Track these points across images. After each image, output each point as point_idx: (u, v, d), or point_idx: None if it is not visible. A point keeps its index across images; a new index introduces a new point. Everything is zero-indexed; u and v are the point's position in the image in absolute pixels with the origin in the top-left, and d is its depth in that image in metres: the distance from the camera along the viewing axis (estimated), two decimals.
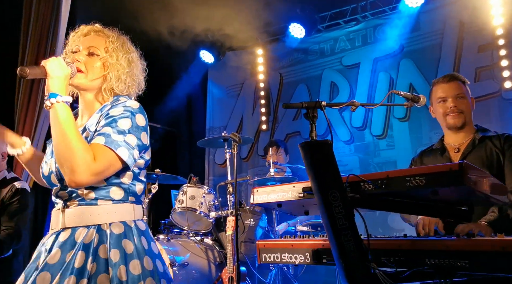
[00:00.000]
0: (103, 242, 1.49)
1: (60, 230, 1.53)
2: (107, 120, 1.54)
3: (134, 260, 1.50)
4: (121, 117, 1.54)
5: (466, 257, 1.33)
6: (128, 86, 1.68)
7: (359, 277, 1.40)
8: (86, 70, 1.62)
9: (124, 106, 1.58)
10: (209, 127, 6.78)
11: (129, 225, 1.56)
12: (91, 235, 1.49)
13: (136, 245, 1.54)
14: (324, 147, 1.44)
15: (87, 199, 1.54)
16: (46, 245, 1.53)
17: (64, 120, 1.45)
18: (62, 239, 1.50)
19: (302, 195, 1.67)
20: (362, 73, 5.68)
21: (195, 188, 3.59)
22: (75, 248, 1.47)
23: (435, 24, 5.24)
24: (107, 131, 1.50)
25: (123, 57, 1.67)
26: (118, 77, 1.65)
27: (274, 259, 1.88)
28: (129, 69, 1.68)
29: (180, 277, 3.19)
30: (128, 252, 1.50)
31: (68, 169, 1.42)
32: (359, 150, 5.57)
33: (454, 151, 2.35)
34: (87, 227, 1.51)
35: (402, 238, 1.56)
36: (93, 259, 1.46)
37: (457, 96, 2.33)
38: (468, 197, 1.44)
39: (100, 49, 1.65)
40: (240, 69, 6.70)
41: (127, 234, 1.54)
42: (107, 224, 1.52)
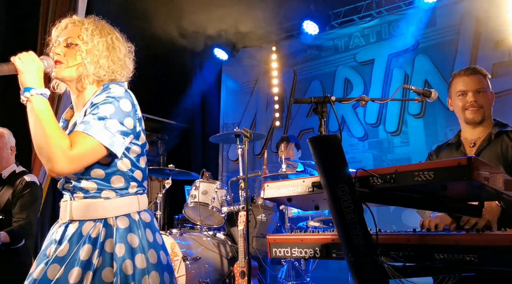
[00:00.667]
0: (110, 236, 1.52)
1: (68, 221, 1.57)
2: (91, 108, 1.55)
3: (139, 254, 1.52)
4: (103, 103, 1.53)
5: (475, 251, 1.33)
6: (111, 70, 1.65)
7: (367, 271, 1.41)
8: (66, 61, 1.61)
9: (107, 93, 1.57)
10: (223, 123, 6.82)
11: (133, 218, 1.58)
12: (98, 229, 1.52)
13: (141, 239, 1.56)
14: (333, 142, 1.44)
15: (91, 191, 1.56)
16: (56, 235, 1.57)
17: (39, 111, 1.46)
18: (70, 232, 1.54)
19: (312, 190, 1.67)
20: (377, 69, 5.64)
21: (208, 183, 3.63)
22: (82, 241, 1.50)
23: (451, 19, 5.17)
24: (87, 119, 1.51)
25: (99, 41, 1.63)
26: (96, 63, 1.62)
27: (284, 253, 1.89)
28: (108, 52, 1.64)
29: (193, 270, 3.23)
30: (133, 246, 1.53)
31: (45, 158, 1.44)
32: (373, 147, 5.54)
33: (470, 145, 2.29)
34: (94, 221, 1.54)
35: (411, 232, 1.57)
36: (99, 253, 1.49)
37: (477, 90, 2.26)
38: (478, 192, 1.43)
39: (76, 39, 1.63)
40: (254, 66, 6.71)
41: (132, 228, 1.56)
42: (113, 218, 1.55)
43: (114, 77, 1.67)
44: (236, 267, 3.24)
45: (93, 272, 1.46)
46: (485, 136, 2.26)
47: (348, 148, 5.67)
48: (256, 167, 6.19)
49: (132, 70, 1.75)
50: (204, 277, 3.28)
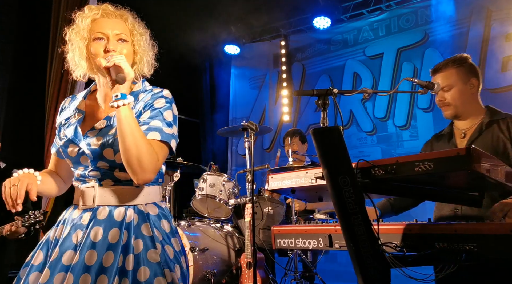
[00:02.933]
0: (145, 221, 1.55)
1: (95, 207, 1.56)
2: (152, 112, 1.57)
3: (173, 239, 1.59)
4: (165, 109, 1.59)
5: (474, 240, 1.35)
6: (151, 67, 1.70)
7: (368, 261, 1.43)
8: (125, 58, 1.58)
9: (163, 97, 1.62)
10: (232, 118, 6.86)
11: (160, 206, 1.63)
12: (131, 215, 1.54)
13: (171, 225, 1.62)
14: (335, 133, 1.46)
15: (122, 180, 1.58)
16: (82, 221, 1.55)
17: (133, 121, 1.46)
18: (102, 217, 1.53)
19: (315, 181, 1.70)
20: (386, 63, 5.63)
21: (215, 175, 3.67)
22: (118, 227, 1.51)
23: (461, 12, 5.13)
24: (158, 126, 1.54)
25: (144, 41, 1.66)
26: (148, 62, 1.66)
27: (288, 244, 1.92)
28: (152, 51, 1.69)
29: (200, 261, 3.28)
30: (167, 231, 1.58)
31: (138, 167, 1.46)
32: (382, 141, 5.53)
33: (460, 136, 2.29)
34: (125, 207, 1.56)
35: (412, 223, 1.59)
36: (136, 237, 1.51)
37: (444, 88, 2.27)
38: (477, 182, 1.44)
39: (127, 35, 1.62)
40: (263, 61, 6.73)
41: (162, 215, 1.61)
42: (143, 204, 1.58)
43: (145, 73, 1.70)
44: (243, 258, 3.28)
45: (133, 255, 1.48)
46: (475, 127, 2.24)
47: (357, 142, 5.68)
48: (265, 161, 6.22)
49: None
50: (211, 267, 3.33)
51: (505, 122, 2.18)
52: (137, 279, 1.44)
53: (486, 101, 2.38)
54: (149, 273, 1.46)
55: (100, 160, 1.55)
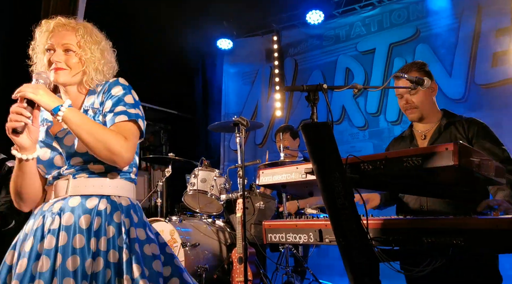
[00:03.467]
0: (117, 210, 1.59)
1: (67, 196, 1.60)
2: (113, 100, 1.65)
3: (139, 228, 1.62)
4: (124, 94, 1.67)
5: (462, 235, 1.36)
6: (105, 74, 1.74)
7: (357, 255, 1.44)
8: (69, 68, 1.67)
9: (119, 84, 1.70)
10: (225, 113, 6.85)
11: (132, 202, 1.68)
12: (103, 204, 1.58)
13: (142, 217, 1.67)
14: (324, 129, 1.47)
15: (97, 172, 1.62)
16: (53, 209, 1.59)
17: (79, 122, 1.52)
18: (73, 204, 1.58)
19: (305, 176, 1.71)
20: (378, 59, 5.64)
21: (207, 171, 3.68)
22: (89, 213, 1.56)
23: (453, 8, 5.15)
24: (122, 109, 1.62)
25: (96, 49, 1.70)
26: (96, 70, 1.70)
27: (279, 238, 1.93)
28: (104, 59, 1.72)
29: (192, 256, 3.29)
30: (135, 221, 1.62)
31: (108, 158, 1.55)
32: (374, 136, 5.56)
33: (421, 138, 2.38)
34: (98, 197, 1.60)
35: (400, 217, 1.60)
36: (108, 223, 1.56)
37: (409, 92, 2.33)
38: (464, 177, 1.46)
39: (74, 45, 1.68)
40: (256, 56, 6.72)
41: (132, 207, 1.65)
42: (117, 196, 1.63)
43: (107, 78, 1.75)
44: (234, 253, 3.29)
45: (106, 238, 1.53)
46: (434, 128, 2.35)
47: (349, 137, 5.70)
48: (257, 156, 6.20)
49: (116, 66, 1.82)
50: (203, 263, 3.34)
51: (461, 124, 2.30)
52: (108, 260, 1.50)
53: (478, 97, 2.44)
54: (117, 256, 1.52)
55: (74, 156, 1.60)
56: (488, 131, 2.26)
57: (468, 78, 4.91)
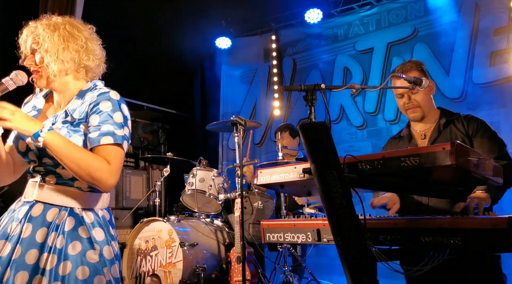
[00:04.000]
0: (81, 224, 1.58)
1: (33, 201, 1.60)
2: (101, 116, 1.59)
3: (106, 246, 1.62)
4: (113, 111, 1.61)
5: (459, 234, 1.37)
6: (78, 60, 1.64)
7: (355, 255, 1.44)
8: (41, 69, 1.63)
9: (109, 100, 1.62)
10: (223, 112, 6.84)
11: (97, 213, 1.65)
12: (63, 217, 1.58)
13: (106, 233, 1.64)
14: (322, 128, 1.47)
15: (65, 178, 1.62)
16: (19, 214, 1.60)
17: (62, 147, 1.50)
18: (35, 214, 1.58)
19: (303, 176, 1.71)
20: (376, 58, 5.64)
21: (205, 170, 3.68)
22: (46, 227, 1.56)
23: (451, 7, 5.15)
24: (110, 130, 1.57)
25: (52, 36, 1.61)
26: (57, 59, 1.61)
27: (277, 238, 1.94)
28: (64, 44, 1.62)
29: (190, 256, 3.29)
30: (98, 240, 1.60)
31: (91, 183, 1.55)
32: (372, 135, 5.56)
33: (421, 137, 2.37)
34: (59, 208, 1.59)
35: (398, 217, 1.60)
36: (62, 238, 1.54)
37: (411, 91, 2.31)
38: (462, 177, 1.46)
39: (35, 44, 1.63)
40: (254, 55, 6.71)
41: (97, 223, 1.63)
42: (79, 208, 1.61)
43: (84, 64, 1.67)
44: (233, 252, 3.30)
45: (57, 254, 1.52)
46: (434, 127, 2.34)
47: (347, 136, 5.70)
48: (255, 156, 6.22)
49: (101, 51, 1.73)
50: (201, 262, 3.34)
51: (460, 121, 2.30)
52: (58, 274, 1.50)
53: (476, 96, 2.43)
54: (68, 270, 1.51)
55: (45, 156, 1.59)
56: (487, 127, 2.26)
57: (466, 77, 4.91)
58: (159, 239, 3.46)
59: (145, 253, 3.49)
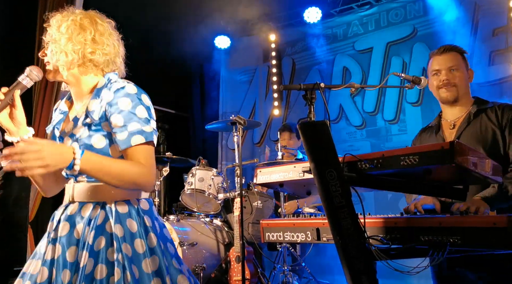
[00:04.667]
0: (108, 219, 1.56)
1: (68, 203, 1.64)
2: (124, 116, 1.54)
3: (138, 239, 1.56)
4: (134, 107, 1.56)
5: (459, 233, 1.37)
6: (80, 53, 1.58)
7: (354, 253, 1.44)
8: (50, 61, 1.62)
9: (128, 96, 1.57)
10: (222, 112, 6.84)
11: (133, 205, 1.61)
12: (96, 211, 1.57)
13: (139, 225, 1.58)
14: (322, 127, 1.47)
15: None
16: (56, 216, 1.65)
17: (95, 170, 1.48)
18: (69, 212, 1.61)
19: (302, 175, 1.71)
20: (375, 57, 5.64)
21: (204, 170, 3.68)
22: (82, 222, 1.57)
23: (450, 6, 5.16)
24: (138, 128, 1.54)
25: (60, 27, 1.58)
26: (60, 51, 1.57)
27: (277, 237, 1.94)
28: (68, 34, 1.57)
29: (190, 256, 3.29)
30: (132, 231, 1.56)
31: (136, 186, 1.55)
32: (371, 135, 5.56)
33: (449, 127, 2.25)
34: (93, 203, 1.59)
35: (398, 216, 1.60)
36: (96, 233, 1.53)
37: (450, 68, 2.22)
38: (461, 176, 1.46)
39: (48, 36, 1.62)
40: (253, 55, 6.72)
41: (131, 214, 1.59)
42: (113, 202, 1.58)
43: (90, 58, 1.61)
44: (232, 252, 3.30)
45: (88, 251, 1.51)
46: (464, 117, 2.21)
47: (346, 136, 5.71)
48: (255, 155, 6.23)
49: (115, 47, 1.68)
50: (200, 262, 3.34)
51: (493, 110, 2.16)
52: (94, 276, 1.48)
53: (473, 95, 2.39)
54: (105, 272, 1.49)
55: None
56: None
57: None
58: None
59: None
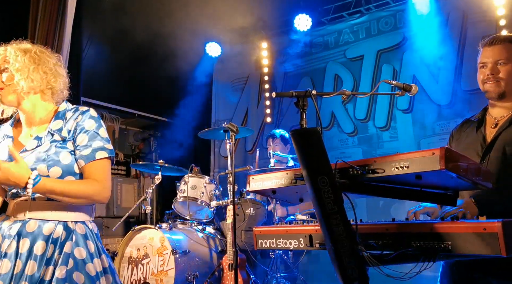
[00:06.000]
0: (70, 239, 1.64)
1: (26, 219, 1.65)
2: (89, 135, 1.73)
3: (95, 259, 1.68)
4: (98, 128, 1.77)
5: (449, 238, 1.38)
6: (46, 81, 1.76)
7: (346, 259, 1.45)
8: (6, 86, 1.72)
9: (92, 118, 1.77)
10: (215, 120, 6.85)
11: (88, 226, 1.73)
12: (59, 231, 1.64)
13: (96, 245, 1.72)
14: (314, 134, 1.48)
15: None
16: (11, 231, 1.63)
17: (50, 190, 1.60)
18: (31, 230, 1.63)
19: (295, 182, 1.72)
20: (366, 65, 5.70)
21: (197, 178, 3.68)
22: (45, 240, 1.61)
23: (439, 15, 5.23)
24: (100, 145, 1.72)
25: (25, 58, 1.73)
26: (27, 78, 1.72)
27: (270, 244, 1.94)
28: (35, 65, 1.75)
29: (182, 264, 3.27)
30: (91, 251, 1.67)
31: (91, 201, 1.70)
32: (363, 142, 5.60)
33: (491, 125, 2.12)
34: (55, 222, 1.65)
35: (389, 222, 1.61)
36: (59, 252, 1.60)
37: (497, 62, 2.07)
38: (452, 182, 1.48)
39: (4, 63, 1.73)
40: (245, 63, 6.75)
41: (88, 235, 1.70)
42: (72, 222, 1.68)
43: (52, 86, 1.79)
44: (225, 260, 3.29)
45: (53, 266, 1.58)
46: (508, 117, 2.08)
47: (338, 143, 5.73)
48: (247, 163, 6.20)
49: (66, 76, 1.86)
50: (193, 270, 3.33)
51: None
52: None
53: (464, 102, 2.38)
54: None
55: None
56: None
57: (454, 84, 4.97)
58: (151, 246, 3.44)
59: (136, 261, 3.47)
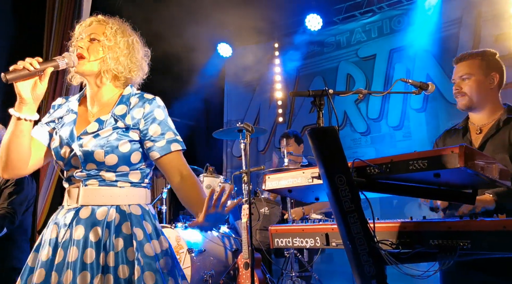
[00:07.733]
0: (125, 221, 1.60)
1: (79, 206, 1.61)
2: (161, 125, 1.69)
3: (154, 240, 1.63)
4: (166, 118, 1.72)
5: (468, 237, 1.38)
6: (128, 69, 1.73)
7: (364, 258, 1.45)
8: (88, 55, 1.67)
9: (160, 108, 1.71)
10: (227, 120, 6.88)
11: (144, 208, 1.68)
12: (112, 214, 1.59)
13: (155, 226, 1.67)
14: (331, 133, 1.49)
15: (108, 181, 1.63)
16: (65, 220, 1.60)
17: None
18: (84, 216, 1.59)
19: (311, 181, 1.72)
20: (378, 65, 5.68)
21: (211, 177, 3.70)
22: (99, 225, 1.57)
23: (452, 13, 5.19)
24: (172, 137, 1.70)
25: (121, 40, 1.71)
26: (116, 59, 1.69)
27: (286, 243, 1.95)
28: (128, 51, 1.73)
29: (198, 262, 3.30)
30: (148, 232, 1.62)
31: None
32: (376, 141, 5.58)
33: (476, 132, 2.22)
34: (107, 207, 1.61)
35: (407, 220, 1.62)
36: (116, 236, 1.56)
37: (461, 77, 2.25)
38: (471, 180, 1.48)
39: (100, 35, 1.70)
40: (257, 63, 6.76)
41: (145, 216, 1.65)
42: (126, 205, 1.63)
43: (131, 76, 1.75)
44: (240, 258, 3.31)
45: (114, 252, 1.54)
46: (493, 123, 2.17)
47: (351, 142, 5.72)
48: (260, 163, 6.24)
49: (147, 72, 1.84)
50: (209, 269, 3.35)
51: None
52: (118, 276, 1.51)
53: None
54: (128, 271, 1.52)
55: (90, 162, 1.60)
56: None
57: None
58: None
59: None
